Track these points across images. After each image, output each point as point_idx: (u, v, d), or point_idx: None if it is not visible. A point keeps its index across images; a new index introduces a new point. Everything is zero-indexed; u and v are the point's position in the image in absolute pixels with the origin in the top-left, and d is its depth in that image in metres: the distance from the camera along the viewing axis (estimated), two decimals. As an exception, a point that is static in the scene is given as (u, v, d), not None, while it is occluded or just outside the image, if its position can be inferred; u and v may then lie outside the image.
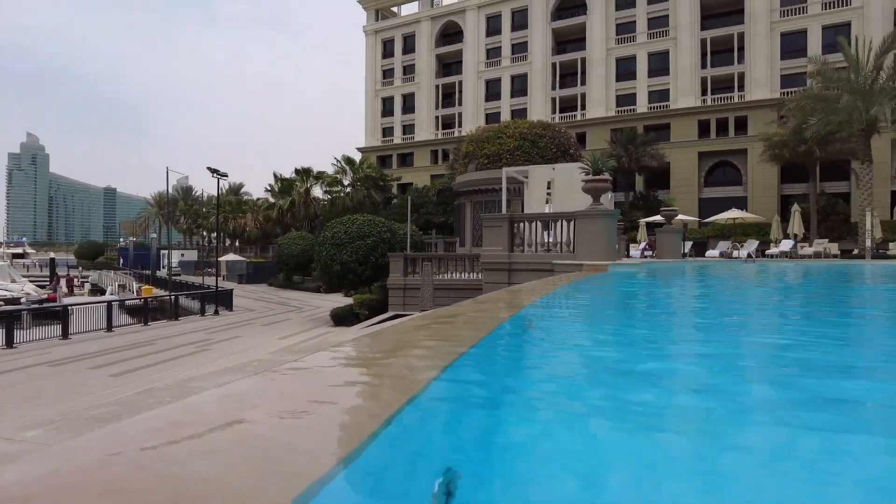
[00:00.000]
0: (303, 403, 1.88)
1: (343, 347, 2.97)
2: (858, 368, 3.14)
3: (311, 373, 2.41)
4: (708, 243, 38.07)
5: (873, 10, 43.44)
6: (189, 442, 1.42)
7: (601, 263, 12.62)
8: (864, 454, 1.69)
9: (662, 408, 2.21)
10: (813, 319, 5.84)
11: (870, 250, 27.22)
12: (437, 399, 2.08)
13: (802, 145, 34.10)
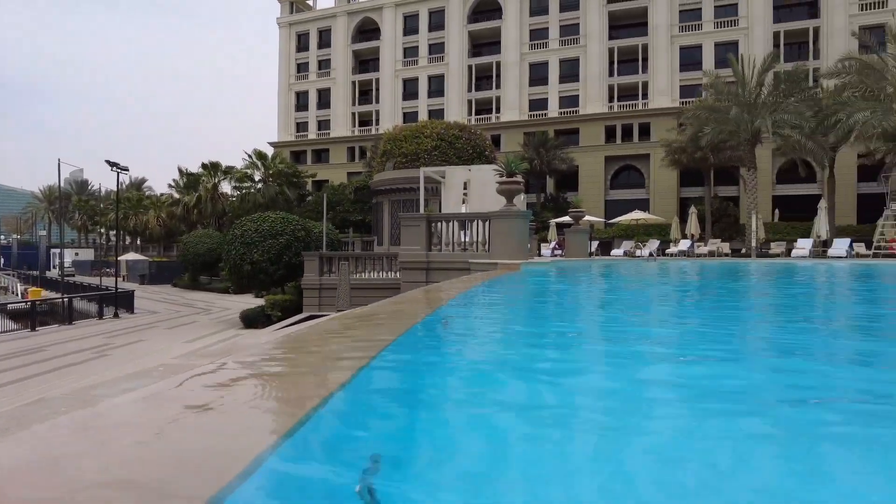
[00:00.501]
0: (215, 403, 1.87)
1: (251, 350, 2.94)
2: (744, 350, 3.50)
3: (220, 374, 2.38)
4: (613, 242, 40.13)
5: (757, 31, 47.47)
6: (97, 446, 1.39)
7: (514, 262, 13.05)
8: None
9: (564, 401, 2.38)
10: (706, 310, 6.37)
11: (755, 249, 29.77)
12: (349, 401, 2.13)
13: (699, 152, 36.69)
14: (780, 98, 31.75)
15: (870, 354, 3.98)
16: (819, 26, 46.34)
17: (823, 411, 2.32)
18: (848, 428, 2.07)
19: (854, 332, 5.12)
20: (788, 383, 2.88)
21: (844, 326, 5.49)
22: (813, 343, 4.39)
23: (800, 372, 3.15)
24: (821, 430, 2.04)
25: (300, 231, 25.57)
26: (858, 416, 2.23)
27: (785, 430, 2.02)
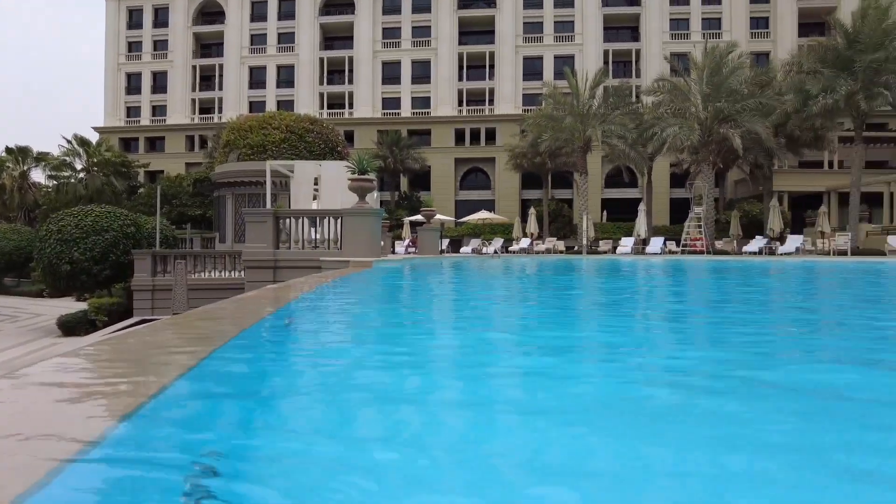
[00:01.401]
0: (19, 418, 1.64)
1: (68, 357, 2.62)
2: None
3: (28, 385, 2.09)
4: (462, 241, 41.69)
5: (590, 48, 52.18)
6: None
7: (366, 260, 13.02)
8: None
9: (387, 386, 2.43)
10: (540, 301, 6.87)
11: (585, 247, 32.65)
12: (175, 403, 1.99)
13: (538, 157, 39.44)
14: (608, 110, 35.18)
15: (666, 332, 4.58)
16: (640, 49, 52.09)
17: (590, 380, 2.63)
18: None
19: (656, 319, 5.86)
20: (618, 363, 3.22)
21: (658, 316, 6.25)
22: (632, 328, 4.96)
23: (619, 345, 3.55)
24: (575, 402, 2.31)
25: (129, 227, 23.20)
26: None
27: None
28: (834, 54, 27.39)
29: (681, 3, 51.75)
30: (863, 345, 4.23)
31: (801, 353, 3.86)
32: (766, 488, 1.48)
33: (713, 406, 2.35)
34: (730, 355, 3.68)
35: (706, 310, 6.92)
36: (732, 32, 49.71)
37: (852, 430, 2.06)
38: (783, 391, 2.69)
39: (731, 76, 30.17)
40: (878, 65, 26.10)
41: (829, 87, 27.07)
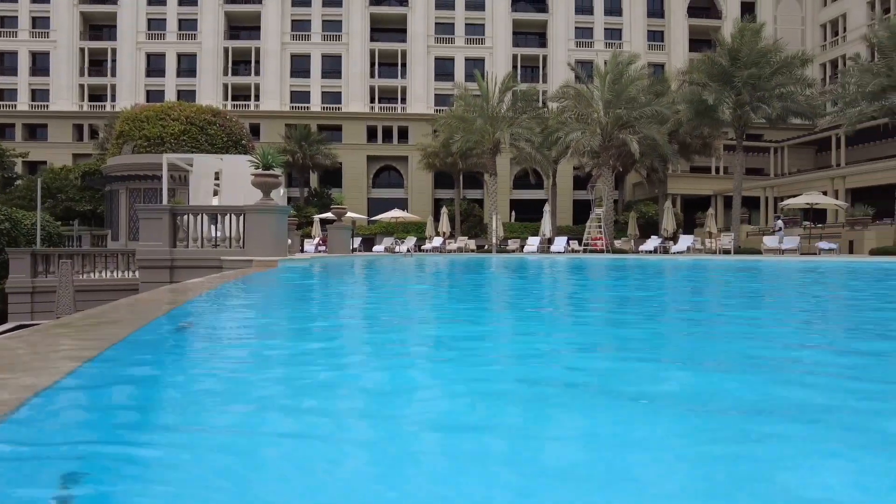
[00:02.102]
0: None
1: None
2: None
3: None
4: (375, 239, 41.39)
5: (499, 52, 53.39)
6: None
7: (271, 259, 12.59)
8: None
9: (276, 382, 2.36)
10: (450, 298, 6.93)
11: (495, 246, 33.41)
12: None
13: (450, 157, 39.85)
14: (516, 114, 36.18)
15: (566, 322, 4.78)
16: (547, 55, 53.96)
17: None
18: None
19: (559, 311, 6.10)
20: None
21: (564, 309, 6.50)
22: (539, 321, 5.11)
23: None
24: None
25: (4, 222, 21.07)
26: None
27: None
28: (719, 69, 29.70)
29: (585, 13, 54.12)
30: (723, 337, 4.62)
31: (639, 343, 4.15)
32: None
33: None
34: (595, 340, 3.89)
35: (588, 305, 7.27)
36: (632, 43, 52.64)
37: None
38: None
39: (630, 85, 31.93)
40: (755, 81, 28.60)
41: (720, 99, 29.33)
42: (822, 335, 4.84)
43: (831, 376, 3.08)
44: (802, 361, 3.57)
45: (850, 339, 4.65)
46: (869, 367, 3.45)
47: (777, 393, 2.65)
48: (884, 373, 3.25)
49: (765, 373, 3.12)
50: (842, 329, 5.35)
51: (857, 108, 26.55)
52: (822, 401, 2.54)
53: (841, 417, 2.27)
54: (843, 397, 2.60)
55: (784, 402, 2.51)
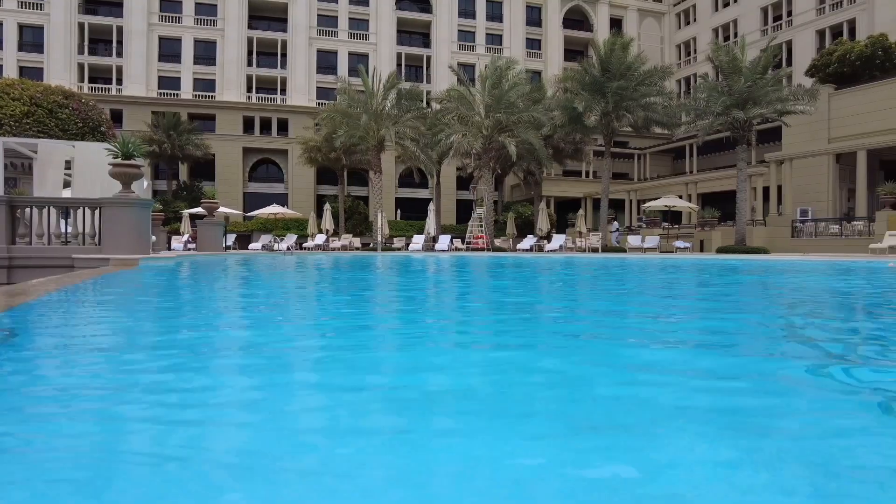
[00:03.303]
0: None
1: None
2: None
3: None
4: (252, 237, 39.51)
5: (383, 50, 53.10)
6: None
7: (132, 257, 11.51)
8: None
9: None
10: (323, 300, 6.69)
11: (380, 244, 33.18)
12: None
13: (333, 152, 38.97)
14: (401, 112, 36.17)
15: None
16: (430, 55, 54.53)
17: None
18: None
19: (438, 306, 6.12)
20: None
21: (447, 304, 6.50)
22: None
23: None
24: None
25: None
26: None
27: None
28: (591, 79, 31.68)
29: (468, 17, 55.38)
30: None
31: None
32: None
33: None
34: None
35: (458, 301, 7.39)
36: (512, 50, 54.71)
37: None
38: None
39: (510, 90, 33.10)
40: (622, 91, 30.86)
41: (590, 107, 31.28)
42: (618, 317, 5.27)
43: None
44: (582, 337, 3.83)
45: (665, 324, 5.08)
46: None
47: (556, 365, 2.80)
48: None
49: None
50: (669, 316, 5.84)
51: (706, 121, 29.55)
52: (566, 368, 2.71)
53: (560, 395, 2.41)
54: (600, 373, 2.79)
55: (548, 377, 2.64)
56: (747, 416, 2.24)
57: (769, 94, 27.63)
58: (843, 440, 1.95)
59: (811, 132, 32.11)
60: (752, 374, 3.05)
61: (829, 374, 3.02)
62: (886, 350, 3.89)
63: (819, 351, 3.83)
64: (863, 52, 32.26)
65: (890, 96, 29.54)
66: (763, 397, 2.56)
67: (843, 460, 1.77)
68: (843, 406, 2.44)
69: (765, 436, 1.98)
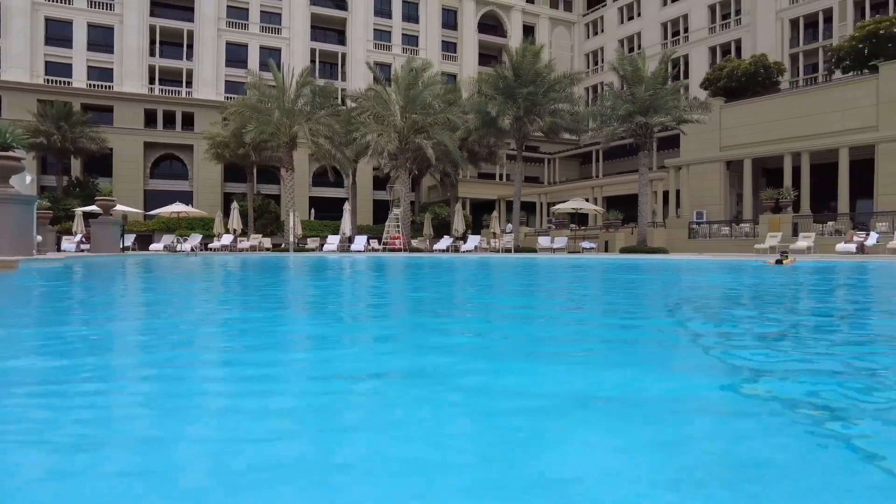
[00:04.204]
0: None
1: None
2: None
3: None
4: (153, 237, 37.27)
5: (297, 45, 51.70)
6: None
7: (10, 259, 10.50)
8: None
9: None
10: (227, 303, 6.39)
11: (292, 245, 32.30)
12: None
13: (242, 149, 37.42)
14: (315, 109, 35.37)
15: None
16: (346, 53, 53.75)
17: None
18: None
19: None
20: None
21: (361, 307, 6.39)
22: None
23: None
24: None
25: None
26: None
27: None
28: (505, 83, 32.41)
29: (384, 16, 55.07)
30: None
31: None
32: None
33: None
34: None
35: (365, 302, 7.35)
36: (428, 51, 54.98)
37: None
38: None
39: (425, 91, 33.25)
40: (533, 97, 31.82)
41: (503, 111, 32.00)
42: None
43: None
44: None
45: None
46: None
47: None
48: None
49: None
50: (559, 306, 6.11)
51: (611, 127, 31.07)
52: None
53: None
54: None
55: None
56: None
57: (668, 103, 29.47)
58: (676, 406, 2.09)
59: (705, 141, 34.55)
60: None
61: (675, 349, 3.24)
62: (742, 332, 4.23)
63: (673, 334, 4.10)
64: (748, 70, 35.11)
65: (770, 110, 32.36)
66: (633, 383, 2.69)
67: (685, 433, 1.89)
68: (684, 377, 2.62)
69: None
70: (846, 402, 2.41)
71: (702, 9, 49.53)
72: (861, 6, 40.25)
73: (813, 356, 3.63)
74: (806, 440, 1.92)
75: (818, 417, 2.16)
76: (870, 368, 3.25)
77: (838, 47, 33.39)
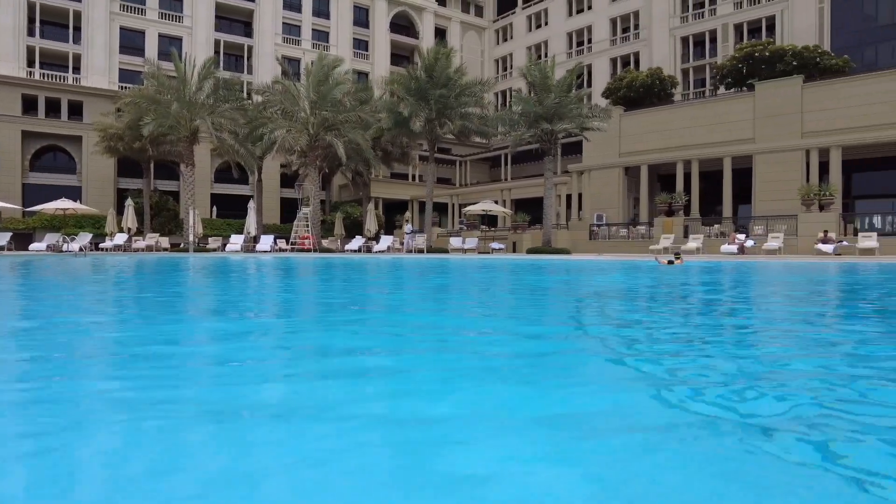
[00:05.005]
0: None
1: None
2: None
3: None
4: (34, 235, 34.20)
5: (200, 34, 49.11)
6: None
7: None
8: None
9: None
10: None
11: (193, 244, 30.71)
12: None
13: (138, 141, 35.01)
14: (218, 102, 33.76)
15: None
16: (253, 46, 51.74)
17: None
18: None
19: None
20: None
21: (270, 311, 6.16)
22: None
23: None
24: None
25: None
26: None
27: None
28: (417, 85, 32.51)
29: (294, 10, 53.54)
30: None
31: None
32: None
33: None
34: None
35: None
36: (339, 48, 54.06)
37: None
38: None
39: (336, 88, 32.69)
40: (445, 100, 32.17)
41: (416, 112, 32.08)
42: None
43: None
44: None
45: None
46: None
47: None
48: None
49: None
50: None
51: (518, 132, 32.03)
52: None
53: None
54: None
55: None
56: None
57: (573, 110, 30.80)
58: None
59: (605, 147, 36.43)
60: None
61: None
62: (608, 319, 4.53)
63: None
64: (645, 81, 37.41)
65: (665, 121, 34.68)
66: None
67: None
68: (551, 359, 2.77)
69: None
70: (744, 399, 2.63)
71: (604, 21, 52.18)
72: (740, 29, 44.06)
73: (701, 356, 3.93)
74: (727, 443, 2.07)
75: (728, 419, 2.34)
76: (774, 362, 3.57)
77: (722, 66, 36.33)
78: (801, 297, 8.62)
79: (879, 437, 1.98)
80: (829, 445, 1.88)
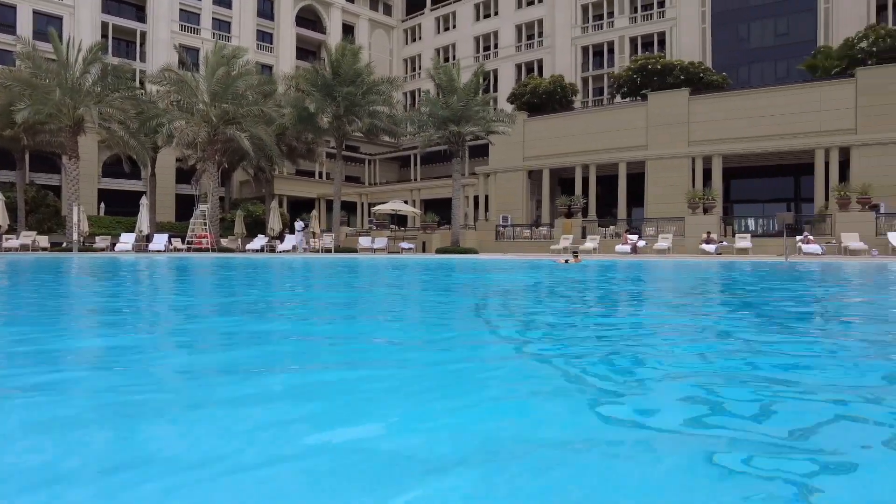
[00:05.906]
0: None
1: None
2: None
3: None
4: None
5: (84, 15, 45.30)
6: None
7: None
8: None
9: None
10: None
11: (77, 244, 28.33)
12: None
13: (10, 129, 31.72)
14: (107, 90, 31.34)
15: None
16: (146, 31, 48.46)
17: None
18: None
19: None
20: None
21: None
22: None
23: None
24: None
25: None
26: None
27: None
28: (323, 81, 31.86)
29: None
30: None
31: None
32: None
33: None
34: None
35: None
36: (241, 39, 51.82)
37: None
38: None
39: (238, 80, 31.36)
40: (352, 97, 31.78)
41: (322, 108, 31.41)
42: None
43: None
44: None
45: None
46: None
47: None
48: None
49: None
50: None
51: (427, 133, 32.27)
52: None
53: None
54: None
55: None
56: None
57: (479, 113, 31.44)
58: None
59: (510, 151, 37.50)
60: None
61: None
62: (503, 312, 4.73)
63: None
64: (548, 88, 38.88)
65: (566, 126, 36.24)
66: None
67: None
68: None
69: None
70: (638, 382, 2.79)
71: (510, 27, 53.70)
72: (635, 42, 46.96)
73: (590, 343, 4.15)
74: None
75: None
76: (669, 352, 3.81)
77: (619, 76, 38.50)
78: (684, 290, 9.35)
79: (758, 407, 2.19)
80: (696, 416, 2.06)
